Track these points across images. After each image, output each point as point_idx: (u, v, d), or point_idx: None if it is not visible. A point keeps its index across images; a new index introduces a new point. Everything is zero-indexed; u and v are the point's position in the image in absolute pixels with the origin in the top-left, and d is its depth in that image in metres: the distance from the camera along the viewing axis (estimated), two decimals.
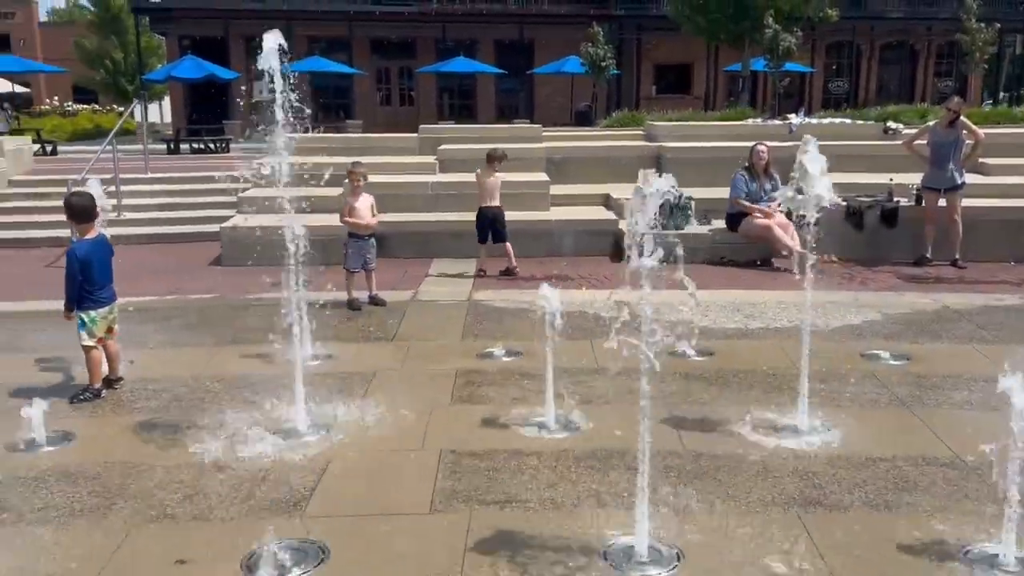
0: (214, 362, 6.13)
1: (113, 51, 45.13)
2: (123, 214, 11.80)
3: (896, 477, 4.21)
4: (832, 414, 4.98)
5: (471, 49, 32.91)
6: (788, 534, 3.65)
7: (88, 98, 46.68)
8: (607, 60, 25.92)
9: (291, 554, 3.49)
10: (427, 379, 5.74)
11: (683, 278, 3.33)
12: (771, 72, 21.98)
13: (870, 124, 13.93)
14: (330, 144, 13.57)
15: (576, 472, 4.28)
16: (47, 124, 28.40)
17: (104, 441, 4.83)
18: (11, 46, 50.42)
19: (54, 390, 5.49)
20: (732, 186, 9.77)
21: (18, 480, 4.22)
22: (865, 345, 6.44)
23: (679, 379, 5.68)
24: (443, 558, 3.47)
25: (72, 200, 5.63)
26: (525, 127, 15.29)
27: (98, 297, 5.43)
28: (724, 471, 4.28)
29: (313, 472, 4.29)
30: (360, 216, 7.67)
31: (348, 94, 33.03)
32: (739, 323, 7.09)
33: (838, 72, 36.47)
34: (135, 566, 3.46)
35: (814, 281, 8.26)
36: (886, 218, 9.80)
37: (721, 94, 32.89)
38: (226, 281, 8.80)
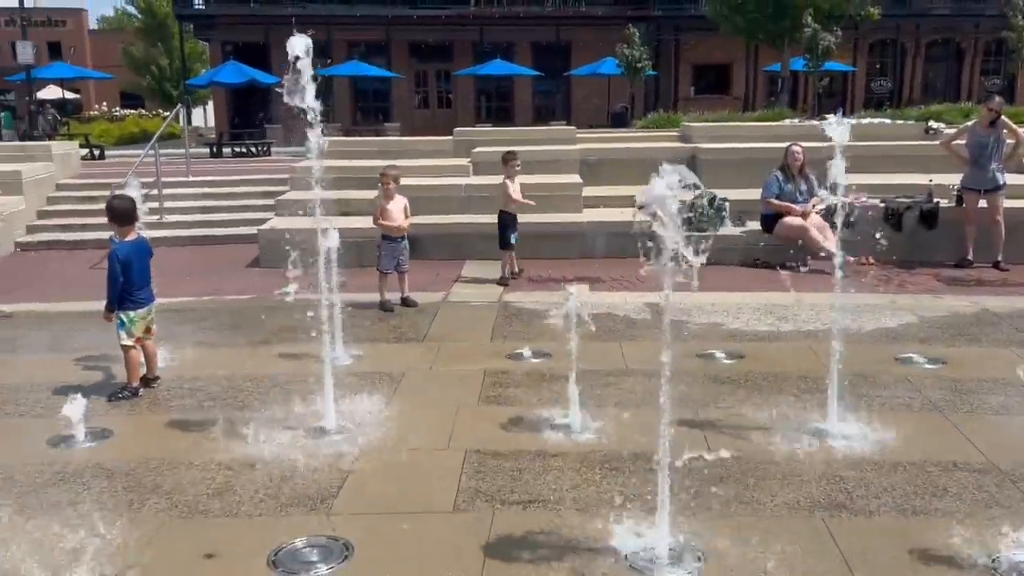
0: (248, 362, 6.25)
1: (159, 57, 46.17)
2: (164, 216, 12.07)
3: (926, 482, 4.15)
4: (862, 418, 4.92)
5: (508, 51, 33.03)
6: (812, 539, 3.63)
7: (135, 103, 47.79)
8: (643, 61, 25.83)
9: (316, 550, 3.56)
10: (455, 379, 5.79)
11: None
12: (810, 72, 21.69)
13: (910, 124, 13.71)
14: (366, 147, 13.76)
15: (600, 474, 4.29)
16: (95, 129, 29.17)
17: (140, 438, 4.96)
18: (62, 53, 51.74)
19: (94, 388, 5.65)
20: (764, 187, 9.70)
21: (57, 475, 4.35)
22: (899, 348, 6.35)
23: (707, 382, 5.66)
24: (465, 557, 3.51)
25: (113, 203, 5.78)
26: (559, 129, 15.30)
27: (137, 298, 5.57)
28: (749, 474, 4.26)
29: (340, 470, 4.36)
30: (392, 218, 7.76)
31: (387, 97, 33.37)
32: (771, 325, 7.03)
33: (881, 71, 35.87)
34: (165, 560, 3.55)
35: (850, 283, 8.19)
36: (925, 219, 9.64)
37: (761, 94, 32.57)
38: (262, 282, 8.94)
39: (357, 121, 31.99)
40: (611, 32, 28.68)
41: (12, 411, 5.35)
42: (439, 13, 32.69)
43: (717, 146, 12.37)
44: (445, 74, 34.01)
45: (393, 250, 7.75)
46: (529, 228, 10.08)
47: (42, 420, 5.14)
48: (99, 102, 45.43)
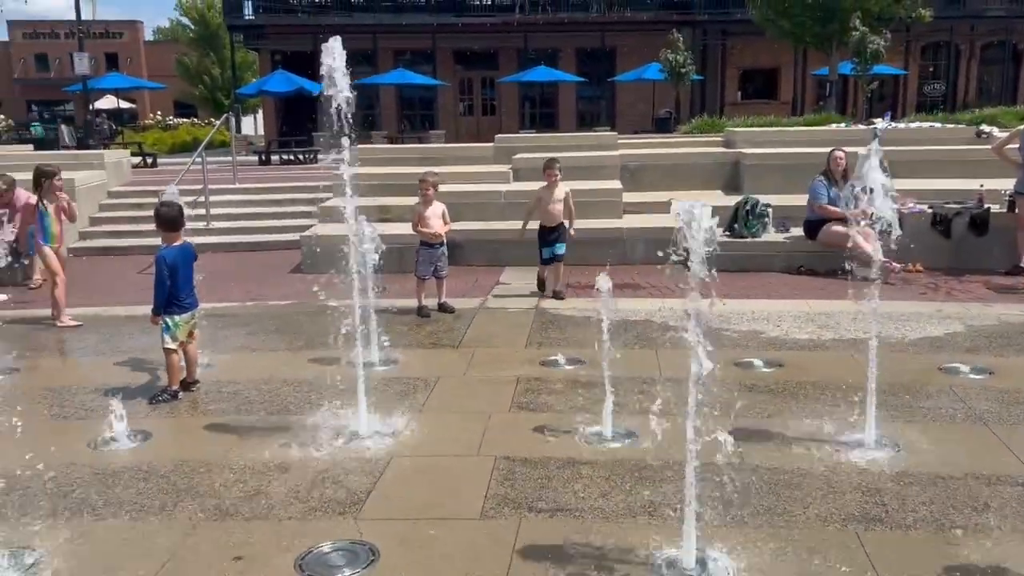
0: (286, 367, 6.33)
1: (211, 67, 47.19)
2: (211, 223, 12.31)
3: (966, 496, 4.03)
4: (903, 429, 4.81)
5: (553, 58, 33.01)
6: (845, 552, 3.54)
7: (188, 112, 48.92)
8: (687, 66, 25.60)
9: (342, 555, 3.59)
10: (488, 386, 5.79)
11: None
12: (859, 76, 21.27)
13: (961, 128, 13.36)
14: (408, 154, 13.87)
15: (630, 482, 4.25)
16: (149, 138, 29.89)
17: (177, 440, 5.07)
18: (119, 64, 53.22)
19: (136, 391, 5.78)
20: (812, 193, 9.51)
21: (96, 475, 4.45)
22: (945, 358, 6.19)
23: (744, 390, 5.57)
24: (490, 563, 3.51)
25: (161, 210, 5.92)
26: (600, 135, 15.24)
27: (182, 302, 5.69)
28: (782, 485, 4.18)
29: (370, 475, 4.39)
30: (430, 225, 7.80)
31: (432, 105, 33.58)
32: (811, 334, 6.90)
33: (934, 74, 35.03)
34: (196, 560, 3.61)
35: (896, 291, 8.01)
36: (975, 225, 9.37)
37: (809, 99, 32.02)
38: (304, 288, 9.06)
39: (403, 129, 32.25)
40: (656, 37, 28.49)
41: (57, 412, 5.50)
42: (484, 21, 32.83)
43: (761, 151, 12.20)
44: (490, 81, 34.13)
45: (431, 256, 7.79)
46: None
47: (85, 422, 5.27)
48: (153, 111, 46.53)
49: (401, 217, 10.87)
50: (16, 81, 56.21)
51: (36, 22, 58.03)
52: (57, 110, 55.11)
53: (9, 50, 57.13)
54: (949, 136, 12.76)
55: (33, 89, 55.93)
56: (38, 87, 55.43)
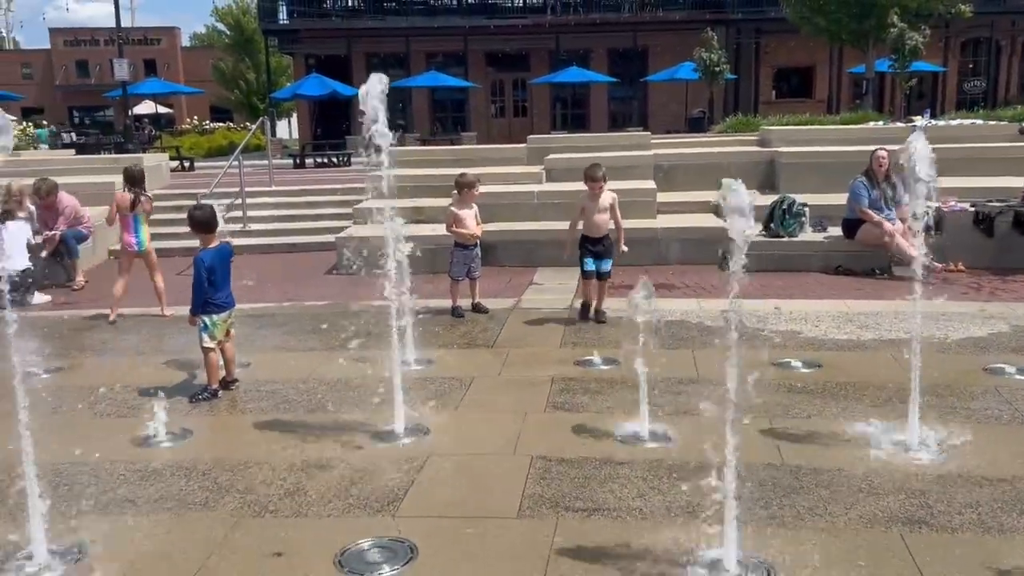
0: (323, 366, 6.38)
1: (247, 72, 47.81)
2: (248, 225, 12.46)
3: (1014, 499, 3.94)
4: (947, 430, 4.71)
5: (585, 59, 32.99)
6: (888, 554, 3.48)
7: (224, 117, 49.58)
8: (721, 65, 25.41)
9: (381, 552, 3.61)
10: (523, 386, 5.79)
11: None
12: (897, 73, 20.95)
13: (1004, 124, 13.10)
14: (441, 156, 13.93)
15: (667, 482, 4.22)
16: (186, 142, 30.37)
17: (217, 438, 5.13)
18: (157, 70, 54.13)
19: (176, 389, 5.87)
20: (853, 194, 9.34)
21: (138, 472, 4.52)
22: (989, 358, 6.06)
23: (783, 391, 5.51)
24: (527, 562, 3.50)
25: (195, 213, 6.01)
26: (633, 135, 15.18)
27: (219, 302, 5.76)
28: (823, 486, 4.13)
29: (408, 473, 4.41)
30: (465, 225, 7.81)
31: (464, 107, 33.73)
32: (851, 334, 6.80)
33: (974, 71, 34.39)
34: (236, 557, 3.65)
35: (937, 291, 7.87)
36: (1019, 224, 9.17)
37: (845, 97, 31.63)
38: (340, 289, 9.15)
39: (435, 131, 32.42)
40: (689, 36, 28.34)
41: (100, 411, 5.59)
42: (516, 22, 32.89)
43: (797, 149, 12.07)
44: (521, 83, 34.17)
45: (465, 257, 7.81)
46: None
47: (127, 420, 5.36)
48: (190, 116, 47.26)
49: (435, 218, 10.92)
50: (58, 88, 57.45)
51: (77, 29, 59.37)
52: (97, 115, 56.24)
53: (51, 57, 58.41)
54: (991, 133, 12.52)
55: (74, 95, 57.15)
56: (79, 93, 56.63)
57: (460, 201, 7.88)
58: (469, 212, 7.87)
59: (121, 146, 25.30)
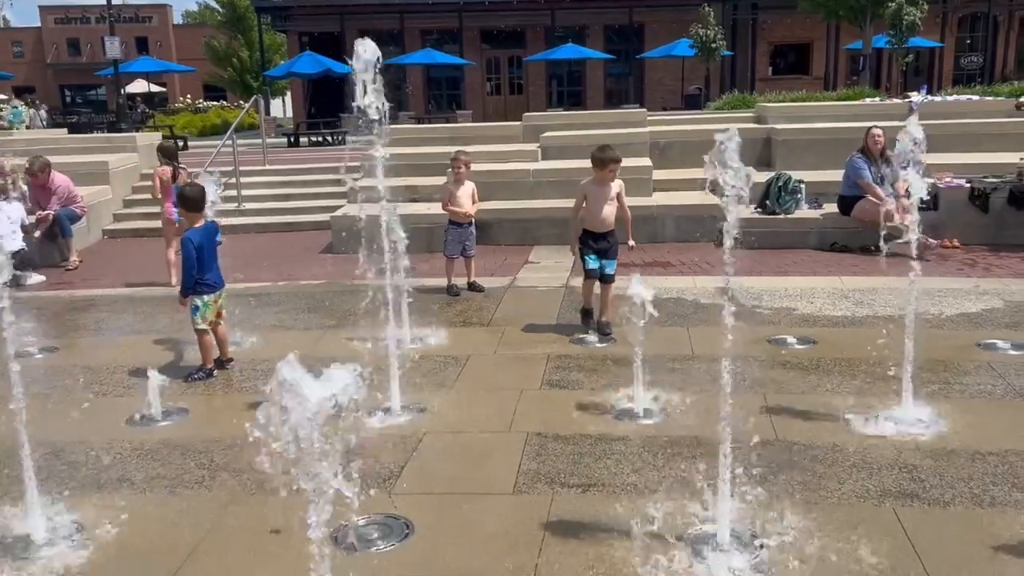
0: (319, 345, 6.38)
1: (239, 50, 47.38)
2: (242, 205, 12.40)
3: (1006, 473, 3.97)
4: (940, 405, 4.74)
5: (580, 35, 32.75)
6: (880, 528, 3.51)
7: (217, 95, 49.27)
8: (718, 41, 25.26)
9: (377, 528, 3.63)
10: (519, 363, 5.80)
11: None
12: (894, 49, 20.85)
13: (1000, 100, 13.06)
14: (437, 134, 13.86)
15: (662, 458, 4.24)
16: (179, 121, 30.18)
17: (213, 418, 5.14)
18: (149, 48, 53.69)
19: (171, 369, 5.87)
20: (853, 168, 9.28)
21: (135, 451, 4.53)
22: (983, 334, 6.08)
23: (778, 367, 5.53)
24: (523, 537, 3.52)
25: (185, 191, 5.99)
26: (629, 112, 15.11)
27: (208, 281, 5.75)
28: (817, 461, 4.15)
29: (404, 451, 4.42)
30: (460, 204, 7.79)
31: (459, 85, 33.51)
32: (846, 310, 6.82)
33: (971, 47, 34.24)
34: (233, 533, 3.67)
35: (932, 267, 7.88)
36: (1015, 200, 9.17)
37: (842, 74, 31.50)
38: (335, 268, 9.13)
39: (430, 109, 32.25)
40: (684, 13, 28.16)
41: (97, 391, 5.59)
42: None
43: (793, 126, 12.02)
44: (517, 60, 33.95)
45: (459, 235, 7.79)
46: None
47: (123, 399, 5.37)
48: (183, 95, 46.95)
49: (430, 197, 10.89)
50: (49, 66, 56.97)
51: (67, 7, 58.72)
52: (89, 94, 55.84)
53: (41, 35, 57.88)
54: (987, 109, 12.48)
55: (65, 74, 56.71)
56: (71, 71, 56.19)
57: (454, 179, 7.85)
58: (464, 190, 7.84)
59: (114, 125, 25.13)
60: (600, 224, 6.33)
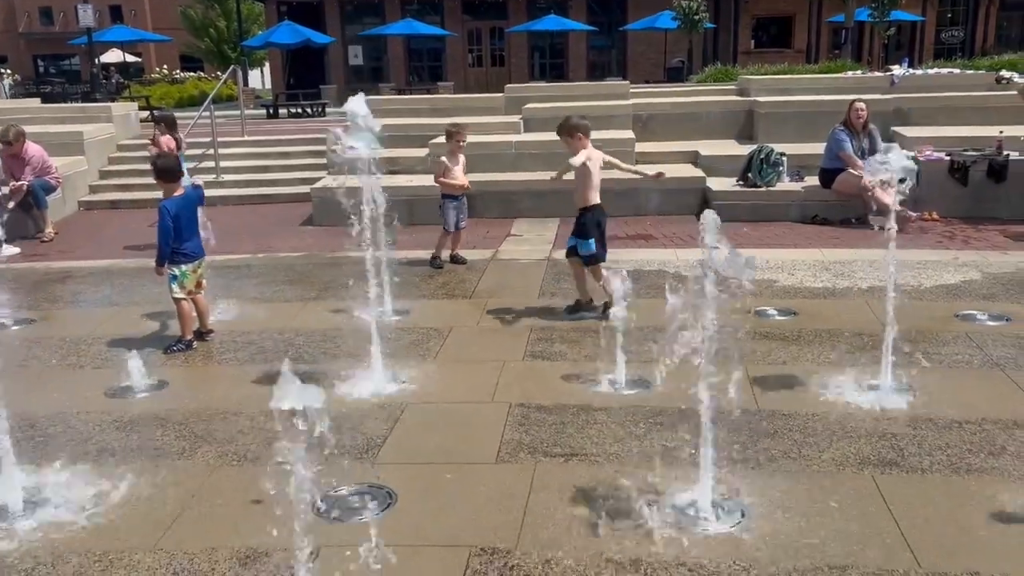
0: (299, 317, 6.34)
1: (216, 19, 46.56)
2: (221, 176, 12.25)
3: (982, 441, 4.02)
4: (918, 375, 4.78)
5: (563, 7, 32.44)
6: (860, 496, 3.55)
7: (195, 66, 48.46)
8: (700, 14, 25.13)
9: (361, 497, 3.62)
10: (501, 335, 5.79)
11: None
12: (876, 22, 20.83)
13: (980, 74, 13.09)
14: (418, 105, 13.74)
15: (644, 428, 4.26)
16: (156, 92, 29.70)
17: (193, 389, 5.10)
18: (123, 17, 52.66)
19: (150, 341, 5.82)
20: (835, 141, 9.27)
21: (114, 423, 4.49)
22: (961, 305, 6.14)
23: (759, 338, 5.55)
24: (506, 506, 3.53)
25: (158, 162, 5.90)
26: (611, 84, 15.03)
27: (186, 251, 5.68)
28: (798, 431, 4.18)
29: (386, 421, 4.41)
30: (456, 177, 7.68)
31: (440, 56, 33.17)
32: (826, 282, 6.85)
33: (952, 20, 34.29)
34: (215, 503, 3.66)
35: (912, 239, 7.93)
36: (993, 172, 9.22)
37: (824, 47, 31.44)
38: (315, 240, 9.07)
39: (411, 80, 31.92)
40: None
41: (73, 362, 5.53)
42: None
43: (775, 99, 12.00)
44: (499, 31, 33.61)
45: (458, 208, 7.68)
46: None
47: (101, 371, 5.31)
48: (159, 65, 46.17)
49: (411, 168, 10.82)
50: (21, 35, 55.81)
51: None
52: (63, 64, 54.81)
53: (13, 4, 56.60)
54: (967, 83, 12.50)
55: (38, 43, 55.59)
56: (43, 41, 55.07)
57: (449, 152, 7.73)
58: (461, 162, 7.74)
59: (88, 95, 24.69)
60: (580, 199, 6.16)
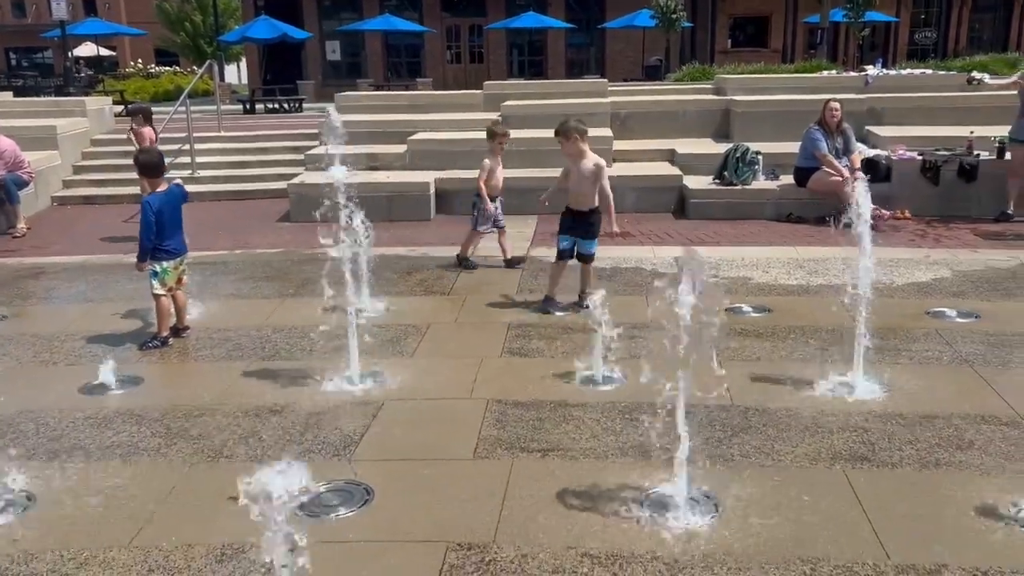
0: (276, 313, 6.32)
1: (192, 13, 46.09)
2: (197, 172, 12.16)
3: (951, 436, 4.10)
4: (890, 371, 4.86)
5: (541, 4, 32.44)
6: (832, 490, 3.61)
7: (170, 60, 47.92)
8: (678, 12, 25.24)
9: (337, 495, 3.63)
10: (479, 332, 5.81)
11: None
12: (851, 23, 21.04)
13: (952, 75, 13.27)
14: (396, 102, 13.70)
15: (620, 424, 4.29)
16: (130, 86, 29.34)
17: (169, 386, 5.07)
18: (97, 10, 51.96)
19: (125, 337, 5.77)
20: (810, 140, 9.35)
21: (88, 420, 4.46)
22: (932, 302, 6.24)
23: (734, 335, 5.61)
24: (484, 502, 3.55)
25: (141, 157, 5.86)
26: (590, 82, 15.07)
27: (169, 248, 5.64)
28: (771, 426, 4.24)
29: (364, 418, 4.41)
30: (498, 179, 7.42)
31: (419, 52, 33.05)
32: (800, 279, 6.93)
33: (925, 22, 34.70)
34: (190, 501, 3.64)
35: (885, 238, 8.02)
36: (964, 172, 9.37)
37: (800, 47, 31.67)
38: (292, 236, 9.03)
39: (389, 76, 31.79)
40: None
41: (47, 359, 5.48)
42: None
43: (751, 98, 12.10)
44: (477, 28, 33.55)
45: (496, 208, 7.43)
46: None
47: (75, 368, 5.26)
48: (134, 59, 45.62)
49: (389, 165, 10.81)
50: None
51: None
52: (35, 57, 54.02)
53: None
54: (939, 83, 12.67)
55: (10, 36, 54.68)
56: (15, 34, 54.19)
57: (491, 152, 7.43)
58: (499, 164, 7.48)
59: (61, 89, 24.36)
60: (571, 201, 6.28)
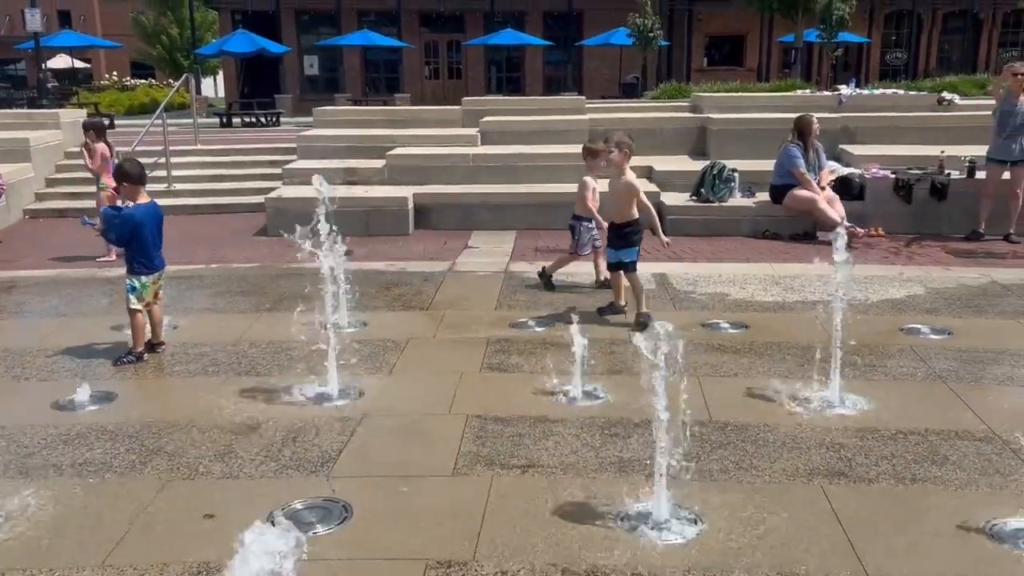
0: (253, 328, 6.27)
1: (169, 26, 45.85)
2: (173, 185, 12.07)
3: (926, 451, 4.14)
4: (865, 387, 4.92)
5: (520, 21, 32.66)
6: (810, 505, 3.63)
7: (146, 73, 47.59)
8: (655, 31, 25.51)
9: (315, 512, 3.59)
10: (459, 347, 5.80)
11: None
12: (824, 43, 21.38)
13: (923, 95, 13.52)
14: (374, 116, 13.71)
15: (600, 439, 4.30)
16: (105, 99, 29.13)
17: (144, 401, 5.01)
18: (72, 22, 51.55)
19: (99, 352, 5.69)
20: (788, 157, 9.43)
21: (61, 437, 4.39)
22: (905, 319, 6.32)
23: (711, 351, 5.65)
24: (462, 518, 3.53)
25: (125, 166, 5.79)
26: (568, 99, 15.19)
27: (150, 263, 5.59)
28: (749, 442, 4.26)
29: (342, 434, 4.38)
30: (597, 199, 6.96)
31: (397, 68, 33.10)
32: (776, 296, 7.00)
33: (897, 43, 35.34)
34: (165, 519, 3.58)
35: (859, 255, 8.12)
36: (936, 191, 9.52)
37: (775, 66, 32.15)
38: (269, 251, 8.97)
39: (367, 91, 31.79)
40: (623, 2, 28.27)
41: (19, 374, 5.39)
42: None
43: (727, 116, 12.24)
44: (456, 44, 33.70)
45: (591, 230, 7.08)
46: (536, 198, 10.05)
47: (47, 383, 5.18)
48: (109, 72, 45.28)
49: (368, 180, 10.79)
50: None
51: None
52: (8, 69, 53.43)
53: None
54: (911, 103, 12.89)
55: None
56: None
57: (591, 171, 7.00)
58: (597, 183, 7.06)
59: (34, 101, 24.11)
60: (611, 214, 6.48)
